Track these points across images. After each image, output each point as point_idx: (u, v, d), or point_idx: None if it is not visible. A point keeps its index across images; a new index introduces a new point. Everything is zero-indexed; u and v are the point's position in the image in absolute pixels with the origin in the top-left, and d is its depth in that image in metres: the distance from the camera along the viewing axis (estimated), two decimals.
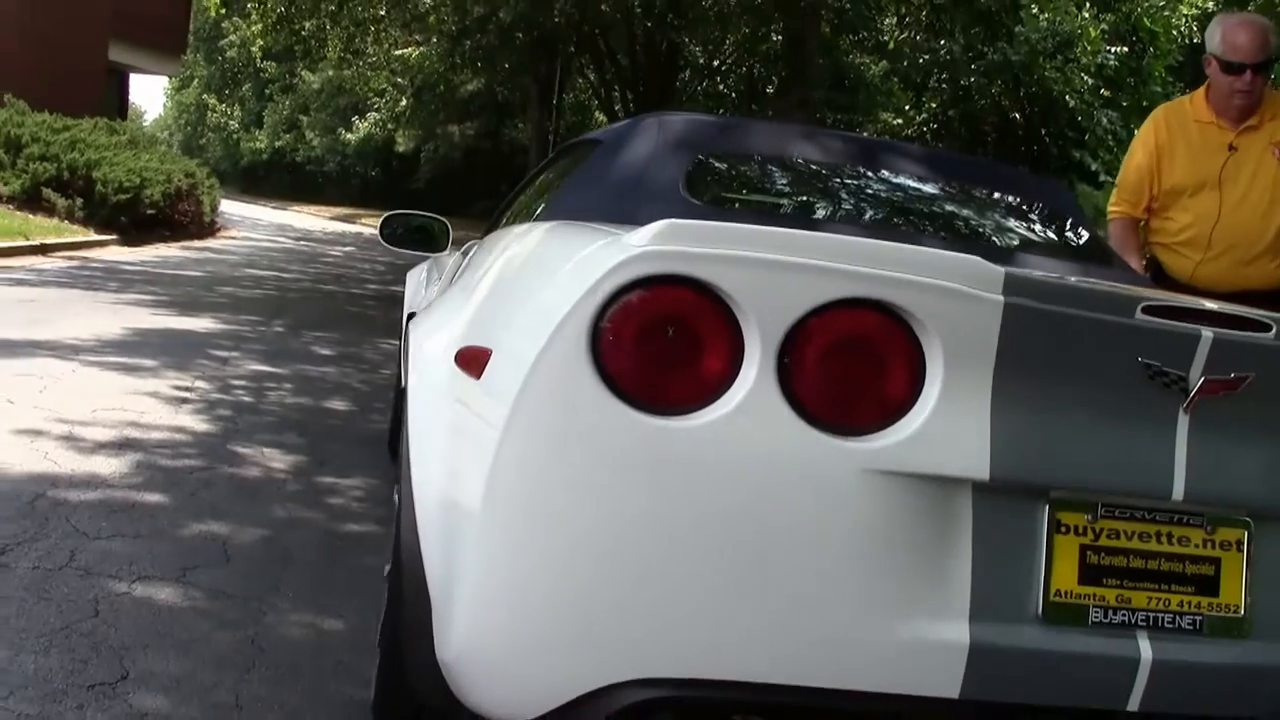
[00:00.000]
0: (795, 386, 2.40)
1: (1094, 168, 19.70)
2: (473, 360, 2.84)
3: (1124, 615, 2.56)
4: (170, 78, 70.57)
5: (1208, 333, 2.49)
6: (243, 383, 9.11)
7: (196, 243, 25.53)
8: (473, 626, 2.55)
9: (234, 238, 29.33)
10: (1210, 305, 2.64)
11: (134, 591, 4.44)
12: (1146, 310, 2.47)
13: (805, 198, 4.32)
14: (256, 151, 75.38)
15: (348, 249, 30.90)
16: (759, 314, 2.37)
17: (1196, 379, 2.50)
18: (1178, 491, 2.54)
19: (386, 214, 6.52)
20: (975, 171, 4.82)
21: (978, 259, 2.44)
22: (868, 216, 4.19)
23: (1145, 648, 2.54)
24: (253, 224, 38.21)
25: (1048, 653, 2.50)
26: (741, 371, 2.39)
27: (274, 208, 57.40)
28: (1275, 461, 2.62)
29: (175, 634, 4.11)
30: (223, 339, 11.27)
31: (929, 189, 4.46)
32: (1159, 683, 2.53)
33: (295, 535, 5.42)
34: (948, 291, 2.39)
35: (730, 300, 2.37)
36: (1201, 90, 5.62)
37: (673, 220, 2.42)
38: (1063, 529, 2.53)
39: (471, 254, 4.64)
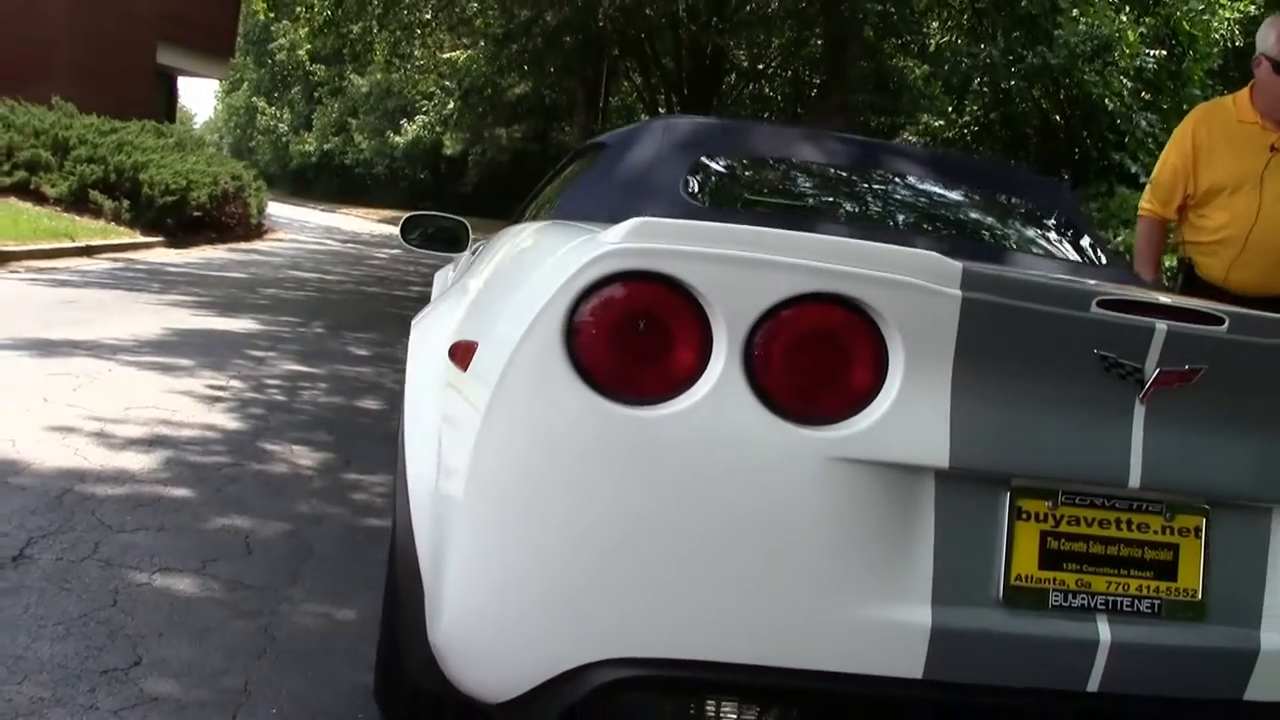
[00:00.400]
0: (761, 378, 2.49)
1: (1134, 170, 19.62)
2: (462, 353, 2.95)
3: (1083, 599, 2.63)
4: (220, 81, 70.82)
5: (1162, 325, 2.56)
6: (277, 382, 9.24)
7: (243, 245, 25.73)
8: (458, 610, 2.65)
9: (280, 240, 29.51)
10: (1164, 299, 2.72)
11: (153, 582, 4.55)
12: (1102, 304, 2.54)
13: (803, 198, 4.40)
14: (305, 154, 75.81)
15: (394, 251, 30.94)
16: (726, 308, 2.47)
17: (1152, 371, 2.57)
18: (1134, 480, 2.61)
19: (407, 216, 6.61)
20: (976, 173, 4.89)
21: (937, 255, 2.53)
22: (862, 216, 4.27)
23: (1104, 630, 2.61)
24: (300, 226, 38.40)
25: (1008, 635, 2.58)
26: (710, 363, 2.49)
27: (322, 210, 57.68)
28: (1231, 450, 2.69)
29: (191, 623, 4.22)
30: (261, 339, 11.40)
31: (926, 190, 4.53)
32: (1118, 664, 2.61)
33: (317, 530, 5.53)
34: (907, 286, 2.47)
35: (698, 295, 2.47)
36: (1245, 90, 5.57)
37: (645, 218, 2.52)
38: (1024, 515, 2.61)
39: (478, 254, 4.75)
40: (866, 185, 4.50)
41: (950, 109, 25.80)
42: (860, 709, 2.65)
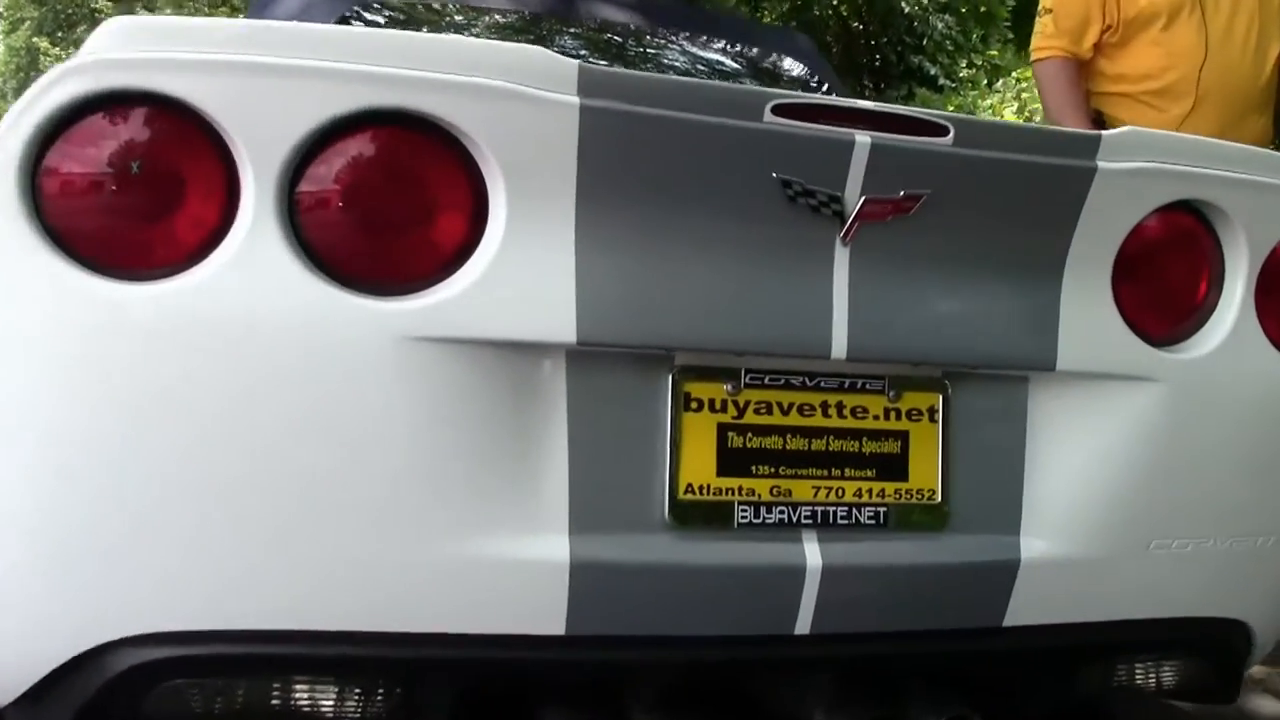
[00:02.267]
0: (308, 233, 1.79)
1: (933, 72, 19.59)
2: None
3: (782, 513, 2.00)
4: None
5: (864, 138, 1.88)
6: None
7: None
8: None
9: None
10: (866, 104, 2.03)
11: None
12: (779, 110, 1.87)
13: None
14: None
15: None
16: (251, 138, 1.75)
17: (855, 200, 1.91)
18: (839, 348, 1.95)
19: None
20: (697, 21, 4.33)
21: (540, 49, 1.83)
22: None
23: (813, 552, 1.99)
24: None
25: (680, 567, 1.96)
26: (237, 218, 1.77)
27: None
28: (970, 303, 2.06)
29: None
30: None
31: (631, 36, 3.97)
32: (833, 596, 2.00)
33: None
34: (500, 93, 1.78)
35: (211, 120, 1.75)
36: None
37: (126, 18, 1.78)
38: (693, 405, 1.96)
39: None
40: (556, 30, 3.88)
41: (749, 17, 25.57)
42: (504, 678, 2.04)
